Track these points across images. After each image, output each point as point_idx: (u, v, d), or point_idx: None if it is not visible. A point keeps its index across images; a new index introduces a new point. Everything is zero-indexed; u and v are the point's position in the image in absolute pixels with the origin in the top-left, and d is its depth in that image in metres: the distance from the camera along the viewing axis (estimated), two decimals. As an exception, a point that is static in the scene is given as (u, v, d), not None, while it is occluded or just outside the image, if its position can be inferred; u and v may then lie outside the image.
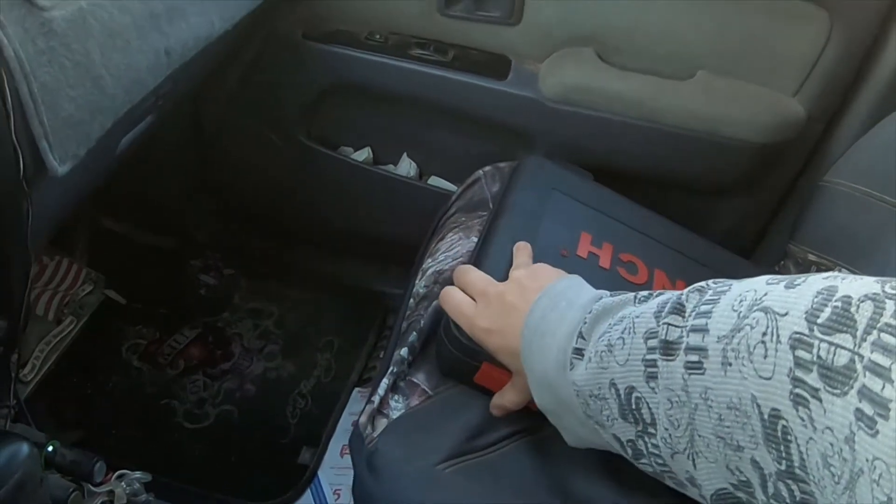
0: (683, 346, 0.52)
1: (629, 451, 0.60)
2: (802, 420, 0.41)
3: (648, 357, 0.55)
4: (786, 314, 0.45)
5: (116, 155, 0.96)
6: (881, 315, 0.40)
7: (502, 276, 0.85)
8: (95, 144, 0.77)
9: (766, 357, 0.44)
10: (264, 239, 1.62)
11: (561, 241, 0.94)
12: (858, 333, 0.40)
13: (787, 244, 1.16)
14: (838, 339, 0.41)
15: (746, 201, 1.31)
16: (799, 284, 0.47)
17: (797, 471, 0.42)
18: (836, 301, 0.43)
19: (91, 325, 1.39)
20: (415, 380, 0.91)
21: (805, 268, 1.10)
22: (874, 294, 0.42)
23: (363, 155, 1.42)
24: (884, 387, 0.37)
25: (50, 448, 0.82)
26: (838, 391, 0.39)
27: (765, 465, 0.46)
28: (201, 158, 1.52)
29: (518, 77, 1.25)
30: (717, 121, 1.20)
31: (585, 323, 0.64)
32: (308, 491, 1.26)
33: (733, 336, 0.48)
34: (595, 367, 0.60)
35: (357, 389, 1.42)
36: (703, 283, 0.56)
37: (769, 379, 0.44)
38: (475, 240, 1.02)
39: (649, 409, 0.55)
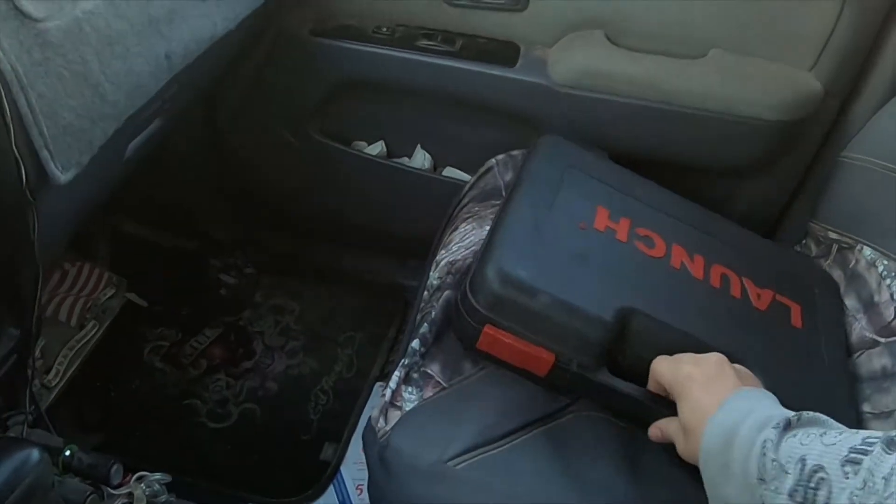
0: None
1: None
2: None
3: (860, 447, 0.53)
4: None
5: (124, 160, 0.96)
6: None
7: (522, 246, 0.87)
8: (99, 151, 0.78)
9: None
10: (283, 236, 1.62)
11: (578, 214, 0.95)
12: None
13: (808, 222, 1.14)
14: None
15: (765, 181, 1.29)
16: None
17: None
18: None
19: (113, 329, 1.40)
20: (429, 371, 0.91)
21: (826, 246, 1.09)
22: None
23: (377, 149, 1.42)
24: None
25: (67, 452, 0.83)
26: None
27: None
28: (217, 159, 1.52)
29: (527, 63, 1.24)
30: (733, 100, 1.18)
31: (808, 413, 0.63)
32: (331, 487, 1.26)
33: None
34: (796, 440, 0.59)
35: (378, 384, 1.42)
36: None
37: None
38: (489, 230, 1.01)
39: (829, 492, 0.54)
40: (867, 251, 1.00)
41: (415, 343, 0.91)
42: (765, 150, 1.22)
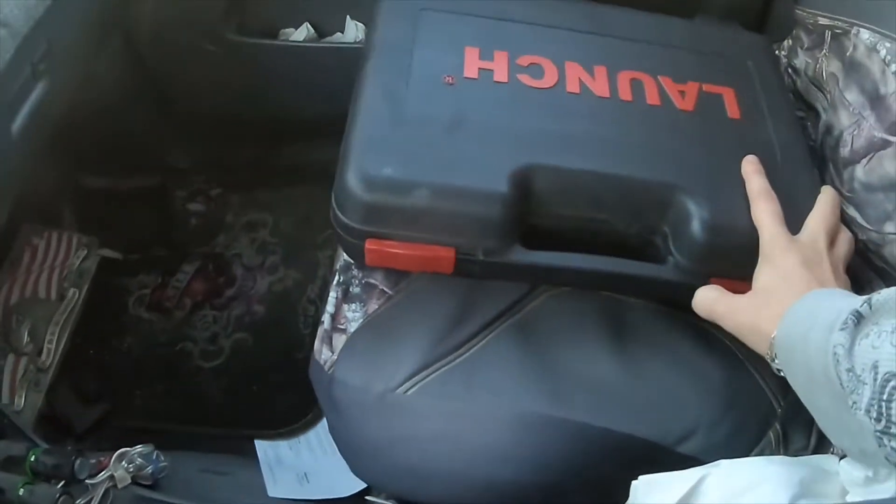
0: None
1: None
2: None
3: None
4: None
5: (14, 141, 0.87)
6: None
7: (382, 134, 0.74)
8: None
9: None
10: (240, 148, 1.53)
11: (442, 66, 0.80)
12: None
13: (794, 9, 0.99)
14: None
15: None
16: None
17: None
18: None
19: (94, 290, 1.36)
20: (371, 280, 0.83)
21: (819, 35, 0.94)
22: None
23: (303, 33, 1.30)
24: None
25: (32, 458, 0.80)
26: None
27: None
28: (152, 88, 1.42)
29: None
30: None
31: (880, 294, 0.53)
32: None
33: None
34: (868, 343, 0.50)
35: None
36: None
37: None
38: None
39: None
40: (865, 34, 0.84)
41: (346, 256, 0.84)
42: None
